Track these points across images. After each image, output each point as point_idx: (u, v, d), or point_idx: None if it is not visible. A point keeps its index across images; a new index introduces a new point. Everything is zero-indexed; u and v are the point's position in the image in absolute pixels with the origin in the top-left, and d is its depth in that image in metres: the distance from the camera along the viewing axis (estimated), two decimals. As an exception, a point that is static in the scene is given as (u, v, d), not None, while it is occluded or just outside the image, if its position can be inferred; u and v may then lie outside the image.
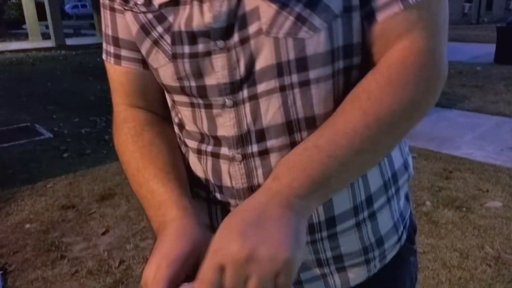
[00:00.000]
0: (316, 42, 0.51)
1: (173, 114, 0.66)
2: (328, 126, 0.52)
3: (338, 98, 0.55)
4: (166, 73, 0.58)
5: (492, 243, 2.28)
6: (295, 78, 0.53)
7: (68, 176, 3.30)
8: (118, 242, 2.40)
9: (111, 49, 0.64)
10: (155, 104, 0.67)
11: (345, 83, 0.55)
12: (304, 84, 0.53)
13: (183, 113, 0.62)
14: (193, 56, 0.55)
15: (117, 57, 0.64)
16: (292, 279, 0.45)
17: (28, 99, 6.00)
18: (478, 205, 2.68)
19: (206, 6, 0.52)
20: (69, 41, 13.31)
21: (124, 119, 0.66)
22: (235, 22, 0.52)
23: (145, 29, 0.57)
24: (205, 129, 0.59)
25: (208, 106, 0.58)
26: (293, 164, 0.51)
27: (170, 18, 0.54)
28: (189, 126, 0.62)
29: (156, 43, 0.57)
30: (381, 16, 0.51)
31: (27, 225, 2.61)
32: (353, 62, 0.54)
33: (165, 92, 0.64)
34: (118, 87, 0.66)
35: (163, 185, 0.58)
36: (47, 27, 14.10)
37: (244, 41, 0.52)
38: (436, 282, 1.99)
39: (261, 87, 0.54)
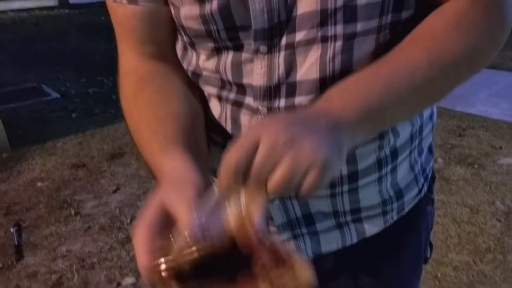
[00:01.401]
0: None
1: (185, 63, 0.60)
2: (389, 60, 0.49)
3: (378, 56, 0.50)
4: (189, 14, 0.51)
5: (503, 198, 2.26)
6: (339, 29, 0.47)
7: (77, 135, 3.30)
8: (129, 200, 2.43)
9: None
10: (166, 48, 0.60)
11: (389, 40, 0.50)
12: (350, 37, 0.48)
13: (201, 58, 0.56)
14: None
15: None
16: (321, 184, 0.42)
17: (33, 59, 5.93)
18: (491, 162, 2.64)
19: None
20: (72, 0, 13.02)
21: (127, 71, 0.60)
22: None
23: None
24: (229, 75, 0.54)
25: (238, 49, 0.52)
26: (348, 89, 0.47)
27: None
28: (208, 71, 0.56)
29: None
30: None
31: (39, 184, 2.65)
32: (401, 16, 0.49)
33: (180, 35, 0.58)
34: (127, 32, 0.59)
35: (157, 151, 0.52)
36: (49, -15, 13.75)
37: None
38: (445, 236, 2.00)
39: (299, 36, 0.48)
